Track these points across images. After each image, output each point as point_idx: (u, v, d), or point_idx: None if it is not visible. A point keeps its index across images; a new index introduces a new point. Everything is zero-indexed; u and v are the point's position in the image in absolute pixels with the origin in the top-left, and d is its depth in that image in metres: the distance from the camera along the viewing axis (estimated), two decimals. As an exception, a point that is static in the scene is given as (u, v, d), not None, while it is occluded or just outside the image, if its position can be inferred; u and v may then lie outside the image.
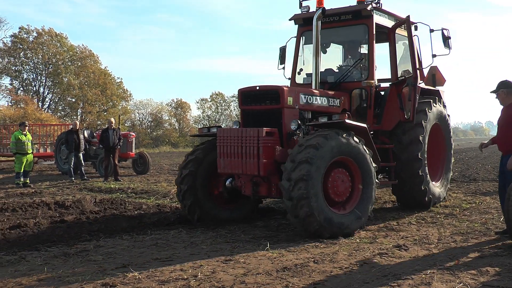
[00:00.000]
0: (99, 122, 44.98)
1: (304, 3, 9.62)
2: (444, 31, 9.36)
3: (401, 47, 10.11)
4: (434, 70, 10.16)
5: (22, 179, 15.75)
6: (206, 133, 8.74)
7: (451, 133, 10.68)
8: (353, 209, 7.43)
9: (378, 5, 9.21)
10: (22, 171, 15.82)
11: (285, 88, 8.00)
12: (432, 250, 6.30)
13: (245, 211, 8.85)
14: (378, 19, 9.24)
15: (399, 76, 9.51)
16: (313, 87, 8.75)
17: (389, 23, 9.60)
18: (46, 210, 10.03)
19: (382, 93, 9.77)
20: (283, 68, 10.22)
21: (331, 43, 10.10)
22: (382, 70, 10.06)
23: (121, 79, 50.41)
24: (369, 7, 8.98)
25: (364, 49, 9.42)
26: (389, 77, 9.95)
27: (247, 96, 8.38)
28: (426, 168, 9.37)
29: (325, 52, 9.85)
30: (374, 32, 9.06)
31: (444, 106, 10.35)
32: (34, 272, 5.48)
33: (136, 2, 75.16)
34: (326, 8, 9.03)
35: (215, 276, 5.15)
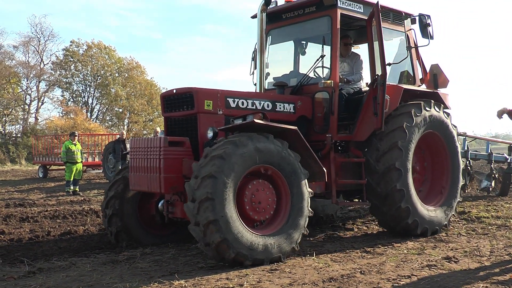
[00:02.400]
0: (145, 131, 45.91)
1: None
2: (423, 17, 8.04)
3: (395, 43, 8.79)
4: (435, 69, 8.76)
5: (72, 187, 16.25)
6: None
7: (458, 150, 8.56)
8: (281, 227, 6.20)
9: None
10: (72, 179, 16.34)
11: (199, 90, 6.82)
12: (484, 263, 6.06)
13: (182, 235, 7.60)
14: (345, 9, 7.80)
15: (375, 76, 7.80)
16: (257, 89, 7.76)
17: (363, 15, 8.06)
18: (94, 218, 10.31)
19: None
20: (253, 73, 8.53)
21: (309, 42, 8.75)
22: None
23: (167, 89, 51.39)
24: None
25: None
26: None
27: (167, 101, 7.29)
28: (410, 182, 7.61)
29: (303, 53, 8.74)
30: (339, 26, 7.71)
31: (447, 113, 8.49)
32: (83, 277, 5.61)
33: (183, 13, 76.67)
34: (294, 0, 8.03)
35: (260, 285, 5.12)
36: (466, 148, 13.04)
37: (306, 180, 6.45)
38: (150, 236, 7.54)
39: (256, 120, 6.21)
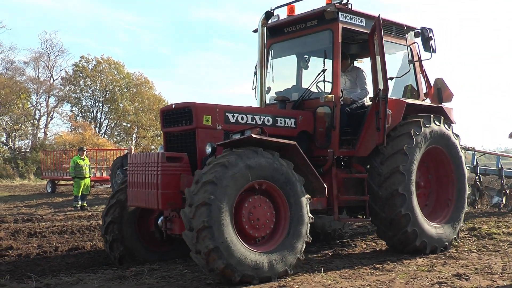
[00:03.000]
0: (153, 146, 46.06)
1: (275, 11, 8.26)
2: (424, 31, 8.01)
3: (399, 57, 8.70)
4: (440, 83, 8.63)
5: (80, 202, 16.27)
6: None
7: (462, 160, 8.42)
8: (283, 239, 6.11)
9: (347, 6, 7.62)
10: (80, 194, 16.38)
11: (198, 104, 6.77)
12: (496, 281, 5.96)
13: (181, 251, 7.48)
14: (346, 23, 7.72)
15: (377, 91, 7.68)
16: (258, 104, 7.72)
17: (365, 28, 7.97)
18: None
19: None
20: (255, 88, 8.44)
21: (311, 56, 8.71)
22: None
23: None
24: (329, 8, 7.49)
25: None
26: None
27: (166, 116, 7.23)
28: (414, 204, 7.50)
29: (306, 67, 8.66)
30: (340, 39, 7.63)
31: (448, 124, 8.36)
32: (91, 294, 5.58)
33: (191, 29, 77.27)
34: (297, 14, 7.98)
35: (268, 302, 5.08)
36: (475, 163, 12.90)
37: (302, 187, 6.33)
38: (153, 254, 7.47)
39: (253, 135, 6.14)
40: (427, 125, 7.85)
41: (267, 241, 6.19)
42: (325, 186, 6.78)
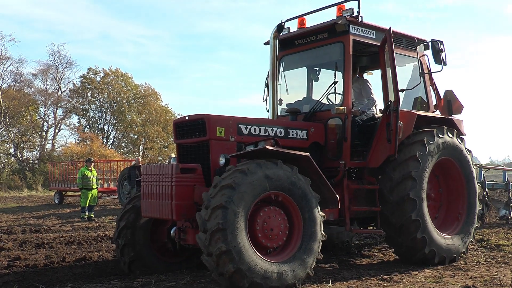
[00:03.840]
0: (160, 158, 46.19)
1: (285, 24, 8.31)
2: (435, 43, 8.04)
3: (409, 69, 8.74)
4: (449, 95, 8.66)
5: (87, 213, 16.33)
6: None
7: (474, 175, 8.42)
8: (294, 253, 6.12)
9: (358, 19, 7.69)
10: (87, 205, 16.43)
11: (211, 116, 6.84)
12: (505, 292, 5.93)
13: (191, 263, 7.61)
14: (357, 35, 7.80)
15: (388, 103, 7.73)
16: (270, 116, 7.79)
17: (375, 41, 8.05)
18: (109, 244, 10.31)
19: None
20: (265, 100, 8.53)
21: (321, 68, 8.75)
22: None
23: (182, 115, 51.78)
24: (341, 21, 7.57)
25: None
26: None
27: (179, 128, 7.33)
28: (425, 211, 7.50)
29: (316, 80, 8.73)
30: (351, 52, 7.70)
31: (461, 138, 8.40)
32: (98, 304, 5.58)
33: (199, 41, 77.66)
34: (308, 27, 8.09)
35: (275, 313, 5.05)
36: (482, 179, 12.96)
37: (318, 204, 6.37)
38: (163, 264, 7.48)
39: (267, 147, 6.19)
40: (440, 136, 7.90)
41: (278, 253, 6.20)
42: (338, 197, 6.78)
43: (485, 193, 12.94)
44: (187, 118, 7.18)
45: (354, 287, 6.25)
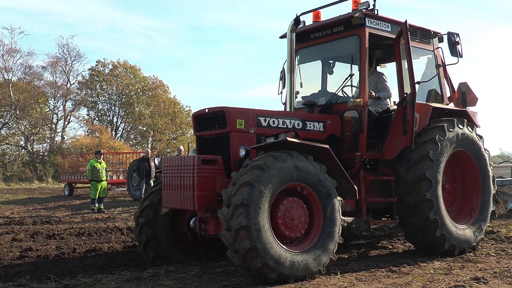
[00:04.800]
0: (168, 149, 46.36)
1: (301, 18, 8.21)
2: (451, 35, 8.05)
3: (423, 62, 8.76)
4: (464, 88, 8.65)
5: (97, 205, 16.44)
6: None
7: (490, 171, 8.45)
8: (310, 247, 6.20)
9: (373, 12, 7.73)
10: (97, 197, 16.53)
11: (232, 109, 6.96)
12: (515, 284, 5.91)
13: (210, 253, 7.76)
14: (373, 28, 7.84)
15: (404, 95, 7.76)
16: (287, 108, 7.87)
17: (390, 33, 8.09)
18: (119, 235, 10.40)
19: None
20: (281, 92, 8.87)
21: (336, 61, 8.79)
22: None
23: (190, 107, 52.00)
24: (357, 14, 7.60)
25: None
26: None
27: (199, 120, 7.43)
28: (442, 209, 7.58)
29: (331, 73, 8.77)
30: (367, 45, 7.73)
31: (479, 135, 8.43)
32: (109, 295, 5.64)
33: (207, 33, 77.57)
34: (323, 20, 8.11)
35: (284, 304, 5.08)
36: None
37: (340, 207, 6.48)
38: (177, 251, 7.59)
39: (288, 139, 6.28)
40: (451, 129, 7.91)
41: (300, 242, 6.31)
42: (356, 188, 6.86)
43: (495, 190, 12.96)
44: (206, 110, 7.26)
45: (363, 278, 6.26)
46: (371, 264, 7.23)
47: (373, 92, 8.20)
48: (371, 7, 7.69)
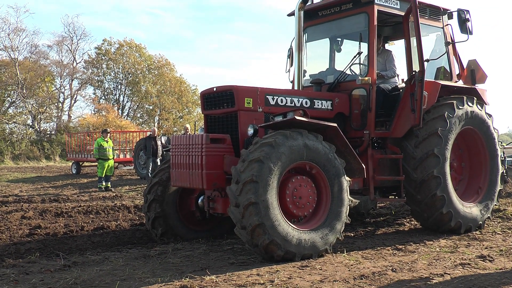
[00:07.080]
0: (175, 128, 46.40)
1: None
2: (462, 12, 7.92)
3: (432, 39, 8.64)
4: (473, 65, 8.61)
5: (104, 184, 16.53)
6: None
7: (498, 150, 8.44)
8: (317, 226, 6.22)
9: None
10: (104, 175, 16.62)
11: (240, 87, 6.92)
12: (520, 262, 5.92)
13: (219, 230, 7.82)
14: (382, 5, 7.77)
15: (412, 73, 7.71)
16: (295, 87, 7.82)
17: (399, 11, 8.01)
18: (126, 213, 10.48)
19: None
20: (288, 71, 8.86)
21: (344, 39, 8.70)
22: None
23: (196, 86, 51.79)
24: None
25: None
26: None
27: (207, 99, 7.41)
28: (449, 186, 7.58)
29: (339, 50, 8.73)
30: (376, 22, 7.65)
31: (488, 114, 8.38)
32: (116, 271, 5.71)
33: (214, 12, 76.96)
34: None
35: (291, 282, 5.12)
36: (503, 157, 12.92)
37: (343, 169, 6.48)
38: (185, 229, 7.63)
39: (297, 117, 6.28)
40: (460, 107, 7.88)
41: (308, 221, 6.36)
42: (364, 167, 6.86)
43: (504, 170, 12.94)
44: (214, 89, 7.25)
45: (368, 256, 6.29)
46: (377, 242, 7.26)
47: (378, 72, 8.12)
48: None
